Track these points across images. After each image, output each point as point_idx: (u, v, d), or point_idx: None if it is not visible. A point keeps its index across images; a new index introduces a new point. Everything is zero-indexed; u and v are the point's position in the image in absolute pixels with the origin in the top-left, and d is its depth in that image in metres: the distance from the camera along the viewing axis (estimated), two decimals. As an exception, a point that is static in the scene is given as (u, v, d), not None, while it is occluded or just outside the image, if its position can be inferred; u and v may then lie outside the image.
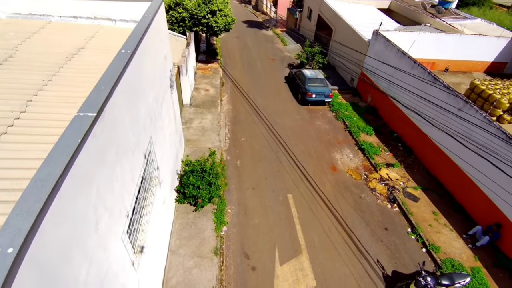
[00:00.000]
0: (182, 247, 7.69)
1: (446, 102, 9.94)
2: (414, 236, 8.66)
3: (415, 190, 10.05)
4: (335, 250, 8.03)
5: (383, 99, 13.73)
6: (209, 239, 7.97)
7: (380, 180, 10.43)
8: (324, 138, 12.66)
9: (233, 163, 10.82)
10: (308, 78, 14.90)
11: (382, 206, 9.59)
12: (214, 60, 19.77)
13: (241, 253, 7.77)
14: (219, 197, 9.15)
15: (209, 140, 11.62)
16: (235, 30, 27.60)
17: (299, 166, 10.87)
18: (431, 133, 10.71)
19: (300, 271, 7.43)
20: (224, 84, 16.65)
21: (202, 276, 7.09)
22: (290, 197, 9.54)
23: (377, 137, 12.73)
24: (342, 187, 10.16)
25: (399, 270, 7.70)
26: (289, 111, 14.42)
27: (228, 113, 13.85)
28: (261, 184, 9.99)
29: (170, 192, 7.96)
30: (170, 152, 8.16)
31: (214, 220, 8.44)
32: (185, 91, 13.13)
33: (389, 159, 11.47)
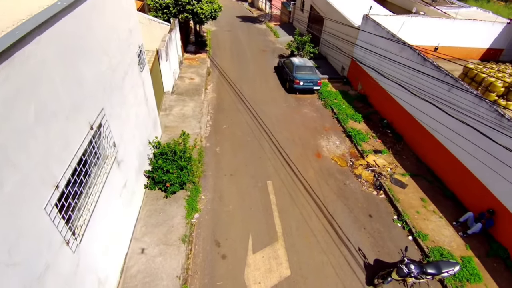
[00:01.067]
0: (147, 235, 7.13)
1: (436, 83, 9.37)
2: (400, 223, 8.08)
3: (403, 176, 9.47)
4: (314, 237, 7.45)
5: (374, 87, 13.18)
6: (178, 226, 7.41)
7: (367, 167, 9.85)
8: (310, 126, 12.10)
9: (212, 149, 10.27)
10: (296, 66, 14.36)
11: (367, 193, 9.01)
12: (203, 51, 19.27)
13: (211, 240, 7.21)
14: (193, 183, 8.60)
15: (189, 127, 11.09)
16: (228, 24, 27.26)
17: (282, 153, 10.31)
18: (422, 118, 10.14)
19: (274, 260, 6.86)
20: (210, 74, 16.13)
21: (166, 265, 6.53)
22: (269, 184, 8.97)
23: (366, 124, 12.16)
24: (326, 173, 9.59)
25: (382, 258, 7.11)
26: (276, 100, 13.88)
27: (212, 101, 13.32)
28: (240, 170, 9.43)
29: (136, 176, 7.42)
30: (138, 134, 7.62)
31: (186, 207, 7.89)
32: (166, 78, 12.61)
33: (378, 145, 10.89)
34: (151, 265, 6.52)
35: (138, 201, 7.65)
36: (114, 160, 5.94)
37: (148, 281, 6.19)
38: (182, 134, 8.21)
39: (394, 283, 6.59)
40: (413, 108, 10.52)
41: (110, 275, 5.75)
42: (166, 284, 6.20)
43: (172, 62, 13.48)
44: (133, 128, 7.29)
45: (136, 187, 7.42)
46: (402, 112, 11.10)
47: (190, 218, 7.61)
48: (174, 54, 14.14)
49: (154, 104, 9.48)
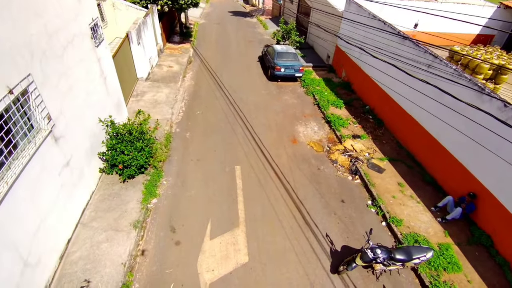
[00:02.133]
0: (96, 220, 6.58)
1: (416, 60, 8.82)
2: (374, 208, 7.51)
3: (381, 161, 8.90)
4: (279, 223, 6.89)
5: (357, 73, 12.63)
6: (132, 211, 6.86)
7: (344, 152, 9.29)
8: (289, 112, 11.55)
9: (181, 135, 9.72)
10: (278, 52, 13.83)
11: (342, 178, 8.44)
12: (187, 41, 18.79)
13: (167, 226, 6.65)
14: (154, 167, 8.06)
15: (160, 113, 10.56)
16: (218, 18, 26.84)
17: (255, 138, 9.76)
18: (402, 100, 9.58)
19: (232, 246, 6.29)
20: (191, 63, 15.62)
21: (112, 251, 5.97)
22: (237, 169, 8.42)
23: (347, 110, 11.60)
24: (300, 159, 9.03)
25: (350, 245, 6.54)
26: (256, 87, 13.34)
27: (189, 88, 12.79)
28: (208, 156, 8.88)
29: (87, 157, 6.87)
30: (91, 114, 7.08)
31: (143, 191, 7.34)
32: (140, 63, 12.08)
33: (357, 131, 10.33)
34: (95, 251, 5.96)
35: (90, 185, 7.10)
36: (48, 134, 5.40)
37: (89, 268, 5.64)
38: (138, 112, 7.64)
39: (362, 273, 6.01)
40: (393, 91, 9.97)
41: (43, 259, 5.19)
42: (108, 271, 5.64)
43: (148, 48, 12.97)
44: (83, 105, 6.74)
45: (86, 169, 6.88)
46: (384, 96, 10.54)
47: (146, 203, 7.06)
48: (151, 41, 13.63)
49: (116, 85, 8.95)
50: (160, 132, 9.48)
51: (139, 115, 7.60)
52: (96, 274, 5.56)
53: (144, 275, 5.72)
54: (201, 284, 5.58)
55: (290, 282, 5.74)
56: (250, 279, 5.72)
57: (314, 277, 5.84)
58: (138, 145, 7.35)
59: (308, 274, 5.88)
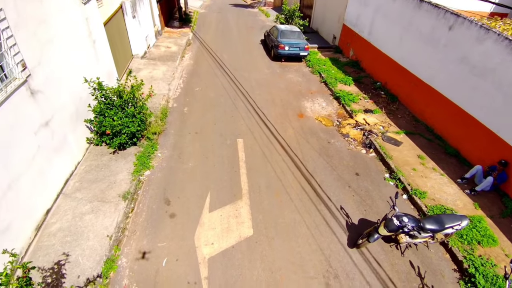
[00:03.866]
0: (80, 190, 5.83)
1: (435, 27, 8.08)
2: (392, 181, 6.72)
3: (397, 134, 8.13)
4: (287, 195, 6.11)
5: (367, 50, 11.88)
6: (121, 182, 6.10)
7: (356, 126, 8.52)
8: (294, 89, 10.80)
9: (179, 110, 8.98)
10: (282, 31, 13.11)
11: (354, 151, 7.66)
12: (186, 26, 18.10)
13: (161, 198, 5.89)
14: (148, 139, 7.31)
15: (156, 88, 9.79)
16: (218, 8, 26.18)
17: (259, 112, 9.00)
18: (419, 70, 8.82)
19: (234, 219, 5.52)
20: (190, 45, 14.91)
21: (96, 223, 5.21)
22: (239, 141, 7.66)
23: (357, 87, 10.84)
24: (308, 133, 8.26)
25: (368, 218, 5.76)
26: (259, 66, 12.60)
27: (187, 67, 12.06)
28: (207, 128, 8.13)
29: (71, 122, 6.13)
30: (76, 74, 6.34)
31: (135, 163, 6.59)
32: (135, 39, 11.37)
33: (369, 106, 9.56)
34: (77, 223, 5.20)
35: (76, 154, 6.36)
36: (22, 84, 4.67)
37: (69, 241, 4.88)
38: (129, 73, 6.89)
39: (384, 247, 5.23)
40: (409, 61, 9.21)
41: (14, 226, 4.44)
42: (91, 244, 4.88)
43: (144, 25, 12.27)
44: (67, 63, 6.01)
45: (71, 136, 6.13)
46: (398, 69, 9.78)
47: (138, 175, 6.31)
48: (147, 18, 12.93)
49: (108, 53, 8.22)
50: (156, 106, 8.75)
51: (130, 76, 6.84)
52: (76, 247, 4.80)
53: (133, 249, 4.95)
54: (199, 258, 4.81)
55: (301, 256, 4.96)
56: (255, 254, 4.95)
57: (329, 252, 5.06)
58: (130, 110, 6.61)
59: (322, 249, 5.10)
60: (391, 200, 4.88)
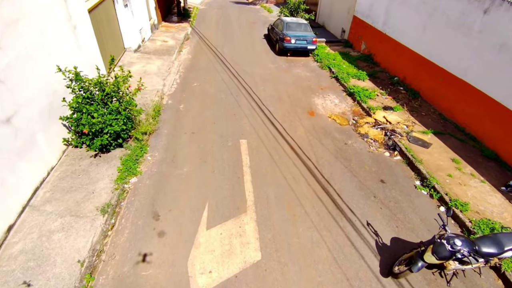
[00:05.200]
0: (51, 202, 4.81)
1: (466, 11, 7.06)
2: (425, 190, 5.67)
3: (424, 134, 7.08)
4: (300, 207, 5.07)
5: (381, 42, 10.86)
6: (101, 192, 5.08)
7: (375, 125, 7.47)
8: (302, 85, 9.77)
9: (174, 107, 7.96)
10: (287, 23, 12.11)
11: (376, 154, 6.62)
12: (185, 21, 17.13)
13: (148, 212, 4.86)
14: (137, 140, 6.29)
15: (149, 83, 8.80)
16: (218, 5, 25.19)
17: (264, 110, 7.97)
18: (447, 61, 7.78)
19: (237, 238, 4.49)
20: (189, 39, 13.91)
21: (67, 244, 4.18)
22: (243, 143, 6.63)
23: (372, 82, 9.80)
24: (321, 132, 7.23)
25: (402, 236, 4.71)
26: (263, 61, 11.59)
27: (185, 62, 11.05)
28: (205, 128, 7.10)
29: (42, 120, 5.12)
30: (49, 63, 5.33)
31: (120, 168, 5.56)
32: (128, 31, 10.37)
33: (388, 102, 8.52)
34: (44, 243, 4.18)
35: (48, 158, 5.34)
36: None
37: (32, 266, 3.86)
38: (111, 60, 5.84)
39: (425, 275, 4.18)
40: (434, 53, 8.17)
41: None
42: (58, 272, 3.85)
43: (138, 16, 11.27)
44: (37, 49, 5.01)
45: (42, 136, 5.12)
46: (419, 61, 8.74)
47: (122, 182, 5.28)
48: (142, 10, 11.94)
49: (92, 42, 7.23)
50: (148, 102, 7.74)
51: (112, 64, 5.81)
52: (40, 276, 3.77)
53: (110, 279, 3.91)
54: (193, 293, 3.78)
55: (323, 289, 3.92)
56: (265, 285, 3.90)
57: (358, 283, 4.01)
58: (113, 106, 5.59)
59: (350, 278, 4.05)
60: (439, 217, 3.83)
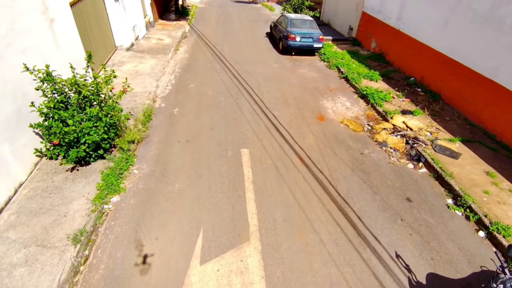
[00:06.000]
0: (16, 227, 3.97)
1: (496, 3, 6.22)
2: (460, 210, 4.82)
3: (451, 142, 6.23)
4: (314, 235, 4.23)
5: (394, 39, 10.01)
6: (75, 215, 4.24)
7: (394, 131, 6.63)
8: (309, 86, 8.93)
9: (167, 111, 7.13)
10: (292, 19, 11.28)
11: (399, 165, 5.77)
12: (183, 19, 16.33)
13: (130, 240, 4.02)
14: (122, 150, 5.45)
15: (141, 84, 7.99)
16: (218, 4, 24.38)
17: (268, 114, 7.14)
18: (478, 63, 6.94)
19: (238, 276, 3.64)
20: (186, 37, 13.09)
21: (30, 283, 3.35)
22: (244, 153, 5.79)
23: (386, 83, 8.96)
24: (333, 140, 6.38)
25: (440, 272, 3.86)
26: (265, 60, 10.76)
27: (181, 61, 10.23)
28: (202, 135, 6.27)
29: (8, 127, 4.30)
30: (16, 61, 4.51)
31: (99, 185, 4.73)
32: (118, 27, 9.54)
33: (406, 106, 7.67)
34: (3, 280, 3.37)
35: (16, 173, 4.51)
36: None
37: (-24, 320, 3.04)
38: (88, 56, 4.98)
39: (472, 323, 3.33)
40: (458, 50, 7.32)
41: None
42: (9, 327, 3.02)
43: (131, 12, 10.45)
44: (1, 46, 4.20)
45: (7, 147, 4.29)
46: (440, 60, 7.89)
47: (101, 203, 4.44)
48: (136, 5, 11.12)
49: (74, 39, 6.42)
50: (138, 106, 6.91)
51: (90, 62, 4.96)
52: (-16, 334, 2.94)
53: (76, 335, 3.07)
54: None
55: None
56: None
57: (391, 338, 3.17)
58: (92, 111, 4.76)
59: (380, 332, 3.21)
60: (497, 257, 2.99)
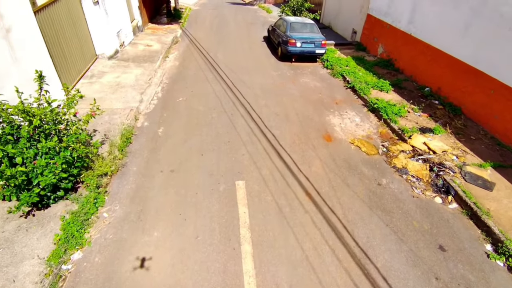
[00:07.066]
0: None
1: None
2: (501, 260, 3.91)
3: (482, 169, 5.33)
4: (330, 305, 3.30)
5: (405, 44, 9.13)
6: (25, 281, 3.28)
7: (414, 154, 5.72)
8: (313, 98, 8.01)
9: (150, 131, 6.17)
10: (291, 23, 10.38)
11: (424, 200, 4.85)
12: (175, 23, 15.38)
13: (90, 320, 3.07)
14: (88, 188, 4.48)
15: (122, 99, 7.02)
16: (213, 5, 23.44)
17: (267, 134, 6.20)
18: (506, 73, 6.06)
19: None
20: (177, 43, 12.14)
21: None
22: (239, 186, 4.84)
23: (398, 94, 8.06)
24: (344, 167, 5.46)
25: None
26: (263, 68, 9.84)
27: (170, 70, 9.27)
28: (189, 163, 5.31)
29: None
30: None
31: (58, 237, 3.77)
32: (99, 34, 8.55)
33: (423, 122, 6.77)
34: None
35: None
36: None
37: None
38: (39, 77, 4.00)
39: None
40: (482, 58, 6.44)
41: None
42: None
43: (115, 16, 9.47)
44: None
45: None
46: (460, 69, 7.01)
47: (57, 263, 3.48)
48: (121, 9, 10.15)
49: (38, 49, 5.44)
50: (115, 127, 5.95)
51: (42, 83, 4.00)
52: None
53: None
54: None
55: None
56: None
57: None
58: (47, 145, 3.79)
59: None
60: None
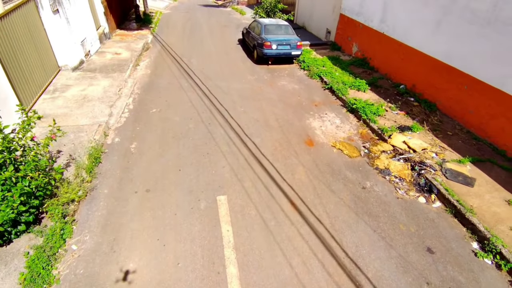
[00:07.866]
0: None
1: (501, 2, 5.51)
2: (488, 258, 3.93)
3: (462, 164, 5.41)
4: (324, 326, 3.13)
5: (378, 43, 9.24)
6: None
7: (395, 154, 5.72)
8: (292, 101, 7.89)
9: (122, 148, 5.75)
10: (265, 25, 10.23)
11: (409, 201, 4.83)
12: (146, 28, 14.79)
13: None
14: (53, 218, 4.05)
15: (89, 114, 6.52)
16: (185, 8, 22.93)
17: (247, 142, 5.98)
18: (479, 69, 6.21)
19: None
20: (148, 49, 11.63)
21: None
22: (221, 202, 4.58)
23: (375, 93, 8.12)
24: (328, 172, 5.34)
25: None
26: (240, 72, 9.61)
27: (141, 79, 8.82)
28: (166, 180, 4.98)
29: None
30: None
31: (23, 276, 3.34)
32: (61, 44, 7.95)
33: (401, 120, 6.83)
34: None
35: None
36: None
37: None
38: None
39: None
40: (455, 55, 6.59)
41: None
42: None
43: (78, 24, 8.86)
44: None
45: None
46: (433, 66, 7.15)
47: (17, 312, 3.07)
48: (85, 16, 9.53)
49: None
50: (81, 145, 5.48)
51: None
52: None
53: None
54: None
55: None
56: None
57: None
58: (1, 177, 3.35)
59: None
60: None
